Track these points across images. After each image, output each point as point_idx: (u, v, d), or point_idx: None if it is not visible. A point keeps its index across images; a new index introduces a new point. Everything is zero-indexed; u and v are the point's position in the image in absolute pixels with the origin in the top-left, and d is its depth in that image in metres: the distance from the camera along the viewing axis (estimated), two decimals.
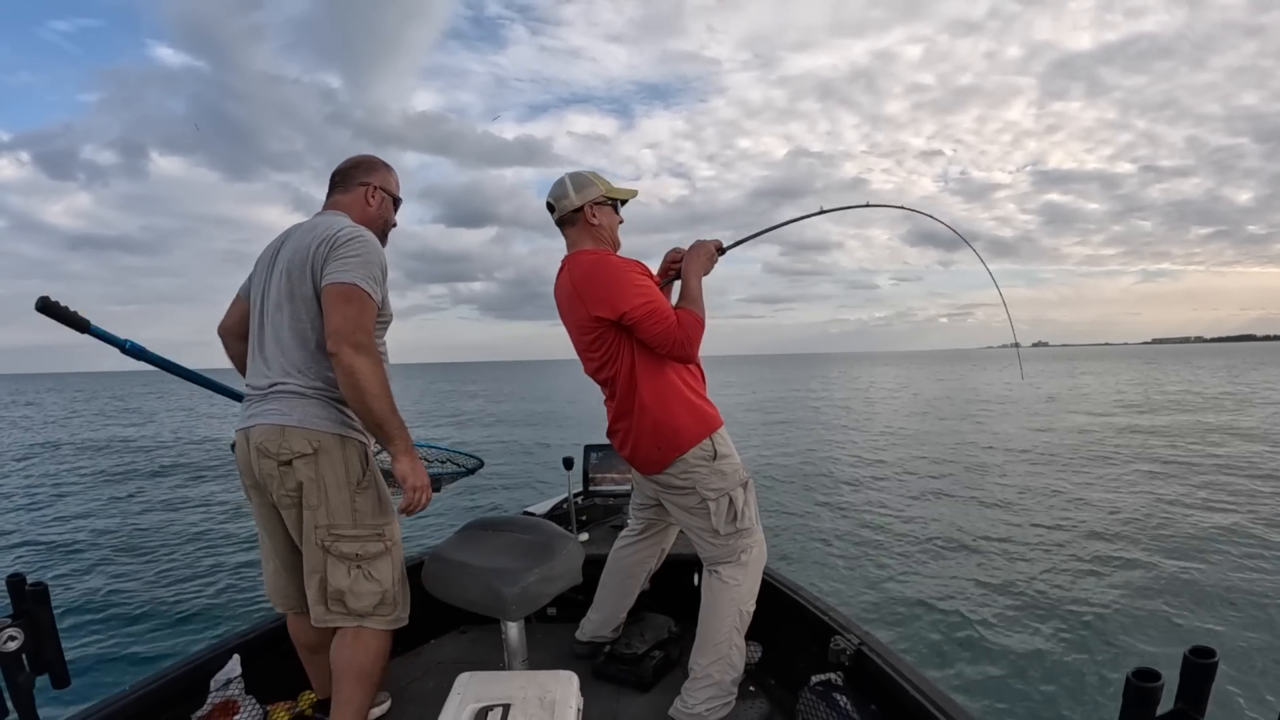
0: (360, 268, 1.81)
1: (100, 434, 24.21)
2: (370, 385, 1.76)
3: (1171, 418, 18.81)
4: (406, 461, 1.85)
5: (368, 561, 1.90)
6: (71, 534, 9.40)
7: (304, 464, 1.83)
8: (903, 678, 1.91)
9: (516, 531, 2.17)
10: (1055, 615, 5.30)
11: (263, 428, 1.86)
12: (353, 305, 1.78)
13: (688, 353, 2.22)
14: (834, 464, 13.61)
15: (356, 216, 2.03)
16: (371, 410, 1.79)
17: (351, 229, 1.88)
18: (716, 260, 2.43)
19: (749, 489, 2.32)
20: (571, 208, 2.33)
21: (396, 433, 1.84)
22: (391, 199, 2.17)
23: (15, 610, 1.43)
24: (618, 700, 2.46)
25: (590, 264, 2.26)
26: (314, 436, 1.83)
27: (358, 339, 1.76)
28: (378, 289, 1.85)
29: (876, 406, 28.51)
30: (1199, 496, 9.38)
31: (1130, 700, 0.85)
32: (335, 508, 1.85)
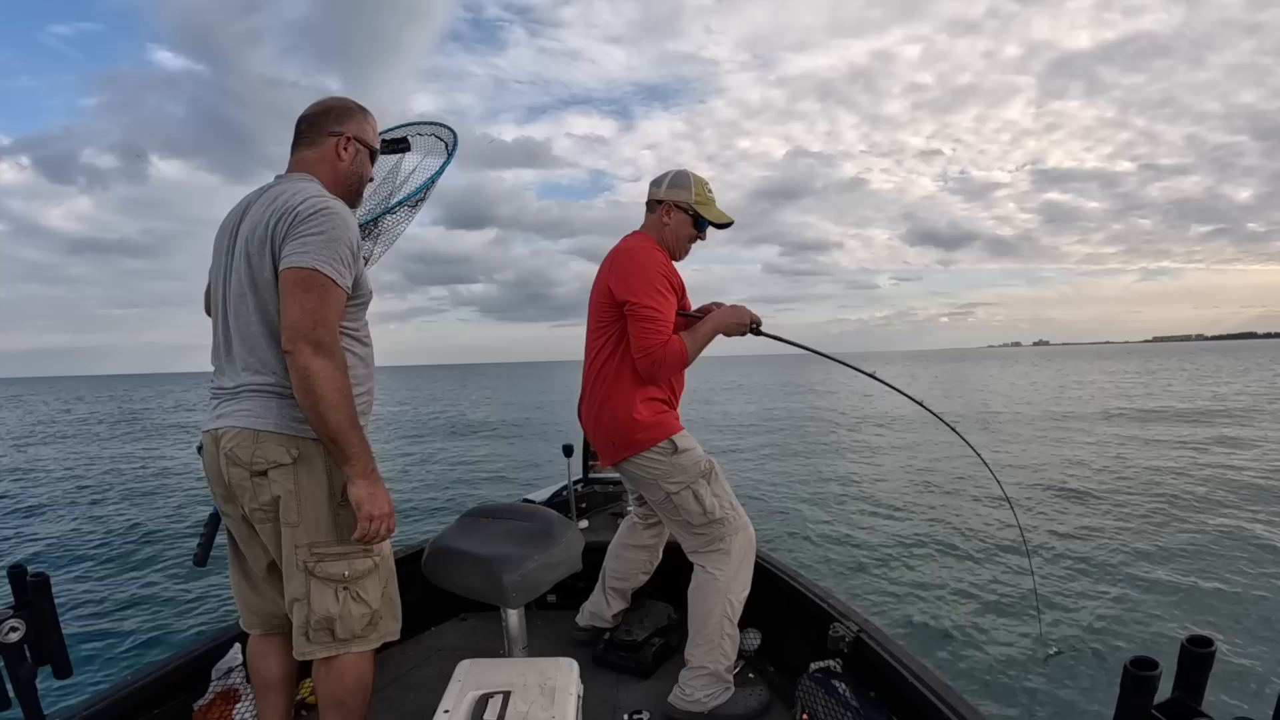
0: (323, 248, 1.55)
1: (105, 427, 24.21)
2: (327, 392, 1.52)
3: (1174, 412, 18.85)
4: (363, 485, 1.60)
5: (356, 582, 1.70)
6: (73, 524, 9.41)
7: (281, 475, 1.61)
8: (901, 665, 1.92)
9: (516, 519, 2.17)
10: (1053, 604, 5.33)
11: (233, 432, 1.62)
12: (313, 295, 1.52)
13: (654, 372, 2.23)
14: (834, 458, 13.64)
15: (326, 176, 1.76)
16: (326, 421, 1.53)
17: (316, 199, 1.60)
18: (744, 332, 2.38)
19: (713, 479, 2.30)
20: (655, 197, 2.41)
21: (354, 450, 1.58)
22: (368, 151, 1.85)
23: (17, 601, 1.43)
24: (618, 687, 2.47)
25: (635, 247, 2.34)
26: (293, 443, 1.61)
27: (317, 336, 1.51)
28: (346, 271, 1.59)
29: (876, 402, 28.56)
30: (1199, 489, 9.40)
31: (1128, 688, 0.85)
32: (318, 524, 1.64)
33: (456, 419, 24.46)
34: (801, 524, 8.10)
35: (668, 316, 2.23)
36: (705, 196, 2.41)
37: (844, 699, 2.02)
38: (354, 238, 1.63)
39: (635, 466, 2.31)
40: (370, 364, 1.80)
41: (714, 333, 2.32)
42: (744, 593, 2.30)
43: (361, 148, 1.83)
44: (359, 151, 1.82)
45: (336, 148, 1.78)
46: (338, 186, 1.77)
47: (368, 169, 1.87)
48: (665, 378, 2.29)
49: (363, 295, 1.74)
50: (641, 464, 2.29)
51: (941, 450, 13.38)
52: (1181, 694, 0.85)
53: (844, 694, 2.03)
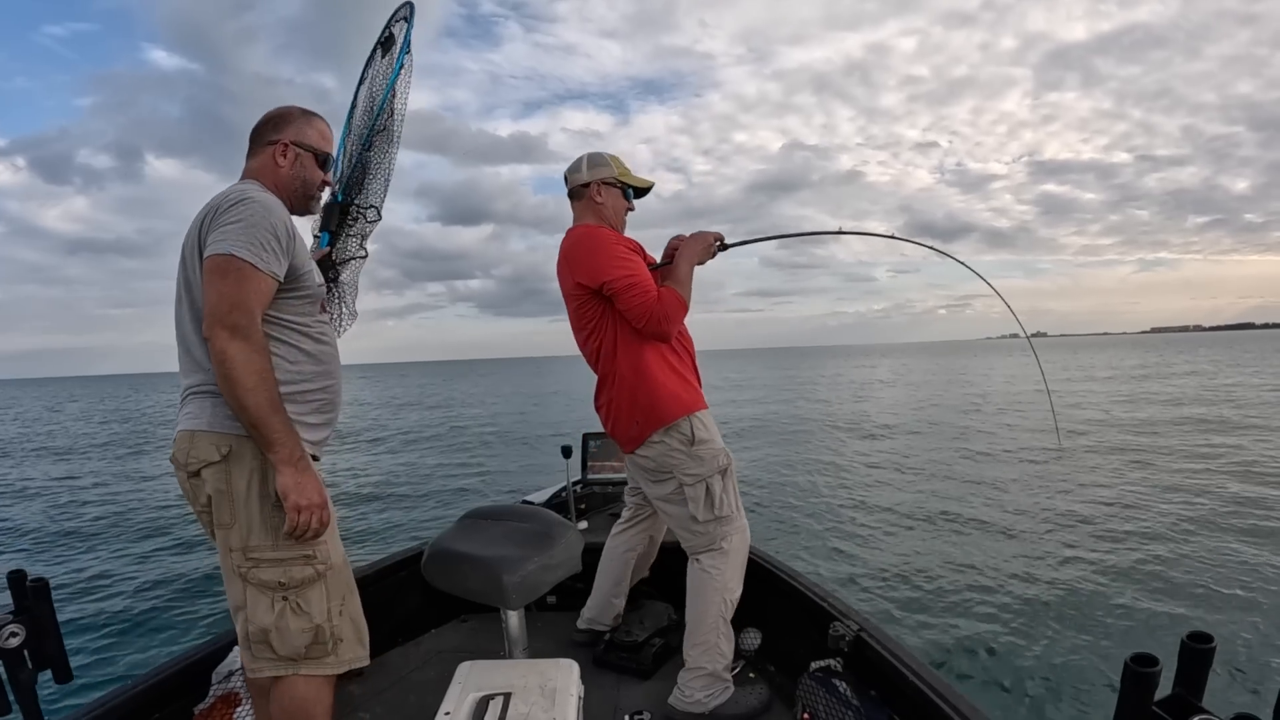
0: (240, 234, 1.52)
1: (98, 430, 24.19)
2: (243, 376, 1.48)
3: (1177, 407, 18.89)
4: (288, 474, 1.53)
5: (295, 591, 1.60)
6: (72, 529, 9.40)
7: (212, 474, 1.58)
8: (902, 664, 1.92)
9: (516, 520, 2.17)
10: (1054, 601, 5.33)
11: (177, 436, 1.64)
12: (229, 280, 1.49)
13: (663, 329, 2.23)
14: (834, 453, 13.64)
15: (269, 181, 1.75)
16: (245, 406, 1.49)
17: (237, 193, 1.60)
18: (715, 252, 2.42)
19: (728, 476, 2.31)
20: (580, 182, 2.41)
21: (277, 435, 1.52)
22: (312, 154, 1.81)
23: (16, 606, 1.43)
24: (618, 688, 2.47)
25: (580, 235, 2.35)
26: (223, 440, 1.57)
27: (233, 320, 1.48)
28: (269, 257, 1.55)
29: (881, 394, 28.56)
30: (1199, 482, 9.41)
31: (1128, 685, 0.85)
32: (251, 525, 1.58)
33: (455, 417, 24.48)
34: (800, 521, 8.10)
35: (644, 275, 2.25)
36: (624, 167, 2.45)
37: (845, 698, 2.02)
38: (278, 224, 1.59)
39: (655, 450, 2.29)
40: (327, 362, 1.76)
41: (689, 267, 2.33)
42: (738, 591, 2.31)
43: (302, 152, 1.79)
44: (299, 156, 1.79)
45: (274, 154, 1.76)
46: (281, 191, 1.75)
47: (312, 173, 1.82)
48: (675, 330, 2.28)
49: (305, 288, 1.69)
50: (660, 449, 2.28)
51: (939, 444, 13.40)
52: (1182, 690, 0.85)
53: (845, 693, 2.04)
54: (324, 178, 1.85)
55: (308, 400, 1.69)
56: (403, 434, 20.15)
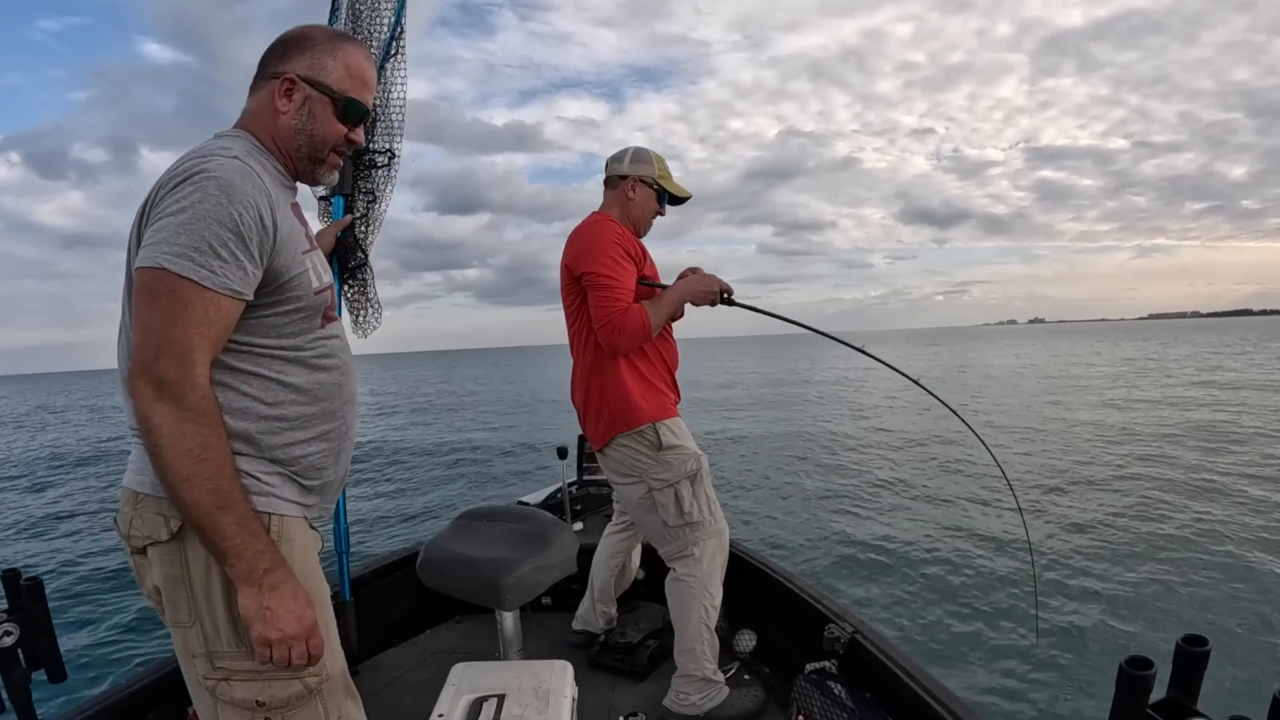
0: (178, 234, 1.04)
1: (95, 429, 24.13)
2: (173, 458, 1.03)
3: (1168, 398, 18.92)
4: (249, 596, 1.09)
5: (281, 712, 1.18)
6: (66, 528, 9.38)
7: (160, 557, 1.14)
8: (897, 665, 1.93)
9: (511, 521, 2.17)
10: (1049, 603, 5.34)
11: (123, 491, 1.20)
12: (157, 308, 1.04)
13: (615, 342, 2.18)
14: (830, 448, 13.64)
15: (262, 131, 1.26)
16: (180, 501, 1.06)
17: (192, 163, 1.09)
18: (715, 302, 2.31)
19: (698, 481, 2.27)
20: (618, 173, 2.39)
21: (228, 545, 1.07)
22: (329, 100, 1.25)
23: (10, 605, 1.43)
24: (613, 689, 2.47)
25: (590, 223, 2.34)
26: (175, 511, 1.11)
27: (159, 370, 1.03)
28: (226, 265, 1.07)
29: (868, 384, 28.59)
30: (1193, 482, 9.43)
31: (1123, 688, 0.85)
32: (217, 626, 1.15)
33: (452, 414, 24.42)
34: (792, 523, 8.10)
35: (625, 284, 2.20)
36: (666, 171, 2.41)
37: (839, 700, 2.02)
38: (244, 213, 1.08)
39: (621, 453, 2.28)
40: (328, 397, 1.27)
41: (679, 301, 2.27)
42: (718, 596, 2.29)
43: (314, 94, 1.24)
44: (308, 100, 1.24)
45: (274, 93, 1.24)
46: (278, 150, 1.27)
47: (327, 126, 1.27)
48: (626, 348, 2.23)
49: (295, 298, 1.20)
50: (627, 452, 2.27)
51: (937, 438, 13.41)
52: (1177, 693, 0.85)
53: (839, 695, 2.04)
54: (346, 133, 1.30)
55: (294, 456, 1.22)
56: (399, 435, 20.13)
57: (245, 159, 1.14)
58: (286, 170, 1.28)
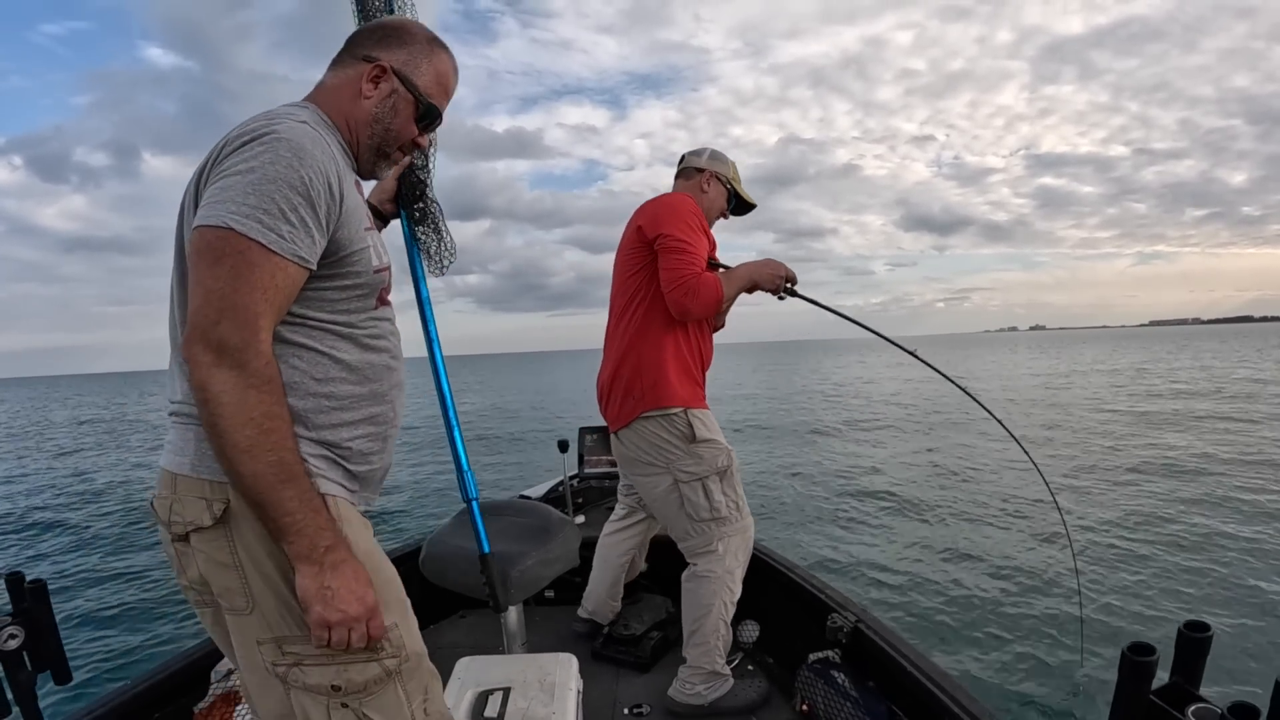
0: (245, 193, 0.99)
1: (100, 430, 24.13)
2: (233, 427, 0.97)
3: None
4: (309, 575, 1.03)
5: (358, 697, 1.10)
6: (70, 529, 9.38)
7: (206, 542, 1.07)
8: (900, 654, 1.93)
9: (513, 515, 2.17)
10: (1051, 591, 5.35)
11: (160, 474, 1.14)
12: (221, 269, 0.98)
13: (686, 304, 2.15)
14: (832, 445, 13.67)
15: (336, 112, 1.21)
16: (238, 473, 0.99)
17: (260, 124, 1.05)
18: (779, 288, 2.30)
19: (728, 477, 2.25)
20: (696, 165, 2.43)
21: (288, 520, 1.01)
22: (415, 98, 1.24)
23: (15, 608, 1.43)
24: (617, 681, 2.48)
25: (671, 194, 2.38)
26: (217, 493, 1.06)
27: (220, 334, 0.97)
28: (290, 230, 1.01)
29: (873, 388, 28.62)
30: (1194, 470, 9.45)
31: (1126, 674, 0.86)
32: (282, 608, 1.08)
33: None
34: (797, 514, 8.12)
35: (700, 251, 2.19)
36: (738, 176, 2.46)
37: (843, 689, 2.03)
38: (314, 176, 1.04)
39: (645, 435, 2.24)
40: (378, 378, 1.21)
41: (748, 279, 2.27)
42: (738, 592, 2.28)
43: (401, 89, 1.23)
44: (394, 93, 1.23)
45: (363, 76, 1.21)
46: (349, 130, 1.22)
47: (404, 124, 1.25)
48: (699, 313, 2.20)
49: (354, 274, 1.15)
50: (652, 436, 2.23)
51: (937, 435, 13.43)
52: (1179, 679, 0.86)
53: (843, 684, 2.05)
54: (416, 137, 1.29)
55: (341, 439, 1.15)
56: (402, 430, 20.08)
57: (314, 127, 1.10)
58: (349, 153, 1.23)
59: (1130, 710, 0.85)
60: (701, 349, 2.36)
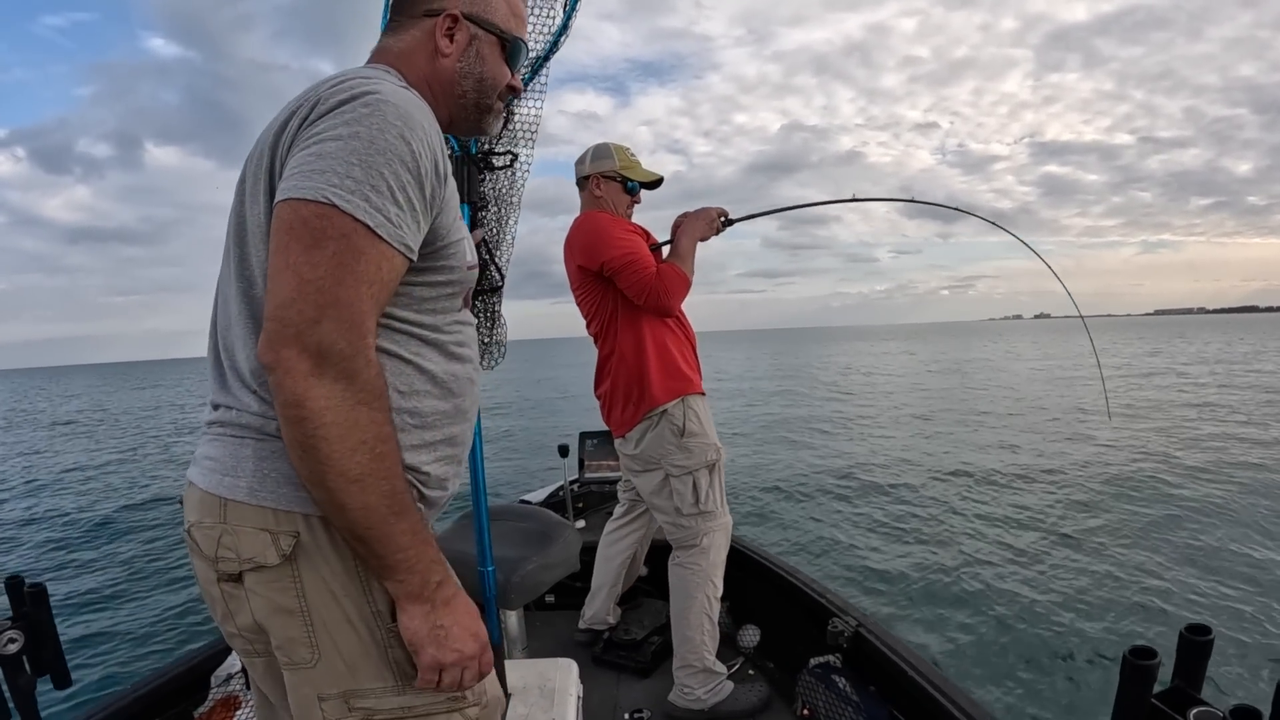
0: (349, 162, 0.83)
1: (103, 430, 24.12)
2: (341, 453, 0.81)
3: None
4: (419, 615, 0.90)
5: None
6: (69, 534, 9.37)
7: (266, 584, 0.90)
8: (901, 659, 1.93)
9: (513, 520, 2.17)
10: (1052, 594, 5.33)
11: (194, 494, 0.95)
12: (321, 254, 0.81)
13: (664, 304, 2.24)
14: (831, 443, 13.64)
15: (416, 72, 1.05)
16: (340, 505, 0.83)
17: (358, 82, 0.89)
18: (720, 228, 2.40)
19: (715, 471, 2.32)
20: (581, 174, 2.43)
21: (401, 557, 0.87)
22: (497, 39, 1.09)
23: (15, 612, 1.43)
24: (618, 686, 2.47)
25: (581, 220, 2.38)
26: (285, 525, 0.89)
27: (321, 336, 0.80)
28: (399, 213, 0.86)
29: (871, 382, 28.57)
30: (1195, 471, 9.43)
31: (1127, 678, 0.85)
32: (353, 658, 0.91)
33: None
34: (795, 517, 8.10)
35: (643, 253, 2.25)
36: (629, 160, 2.41)
37: (844, 693, 2.03)
38: (422, 151, 0.88)
39: (644, 437, 2.30)
40: (461, 393, 1.05)
41: (691, 243, 2.33)
42: (720, 588, 2.32)
43: (481, 32, 1.08)
44: (475, 40, 1.07)
45: (434, 31, 1.05)
46: (439, 95, 1.07)
47: (496, 69, 1.10)
48: (678, 304, 2.29)
49: (447, 268, 0.99)
50: (651, 435, 2.29)
51: (946, 426, 13.41)
52: (1181, 683, 0.85)
53: (844, 688, 2.04)
54: (512, 81, 1.14)
55: (420, 461, 0.98)
56: None
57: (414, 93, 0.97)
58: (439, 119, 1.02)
59: (1131, 714, 0.85)
60: (683, 329, 2.41)
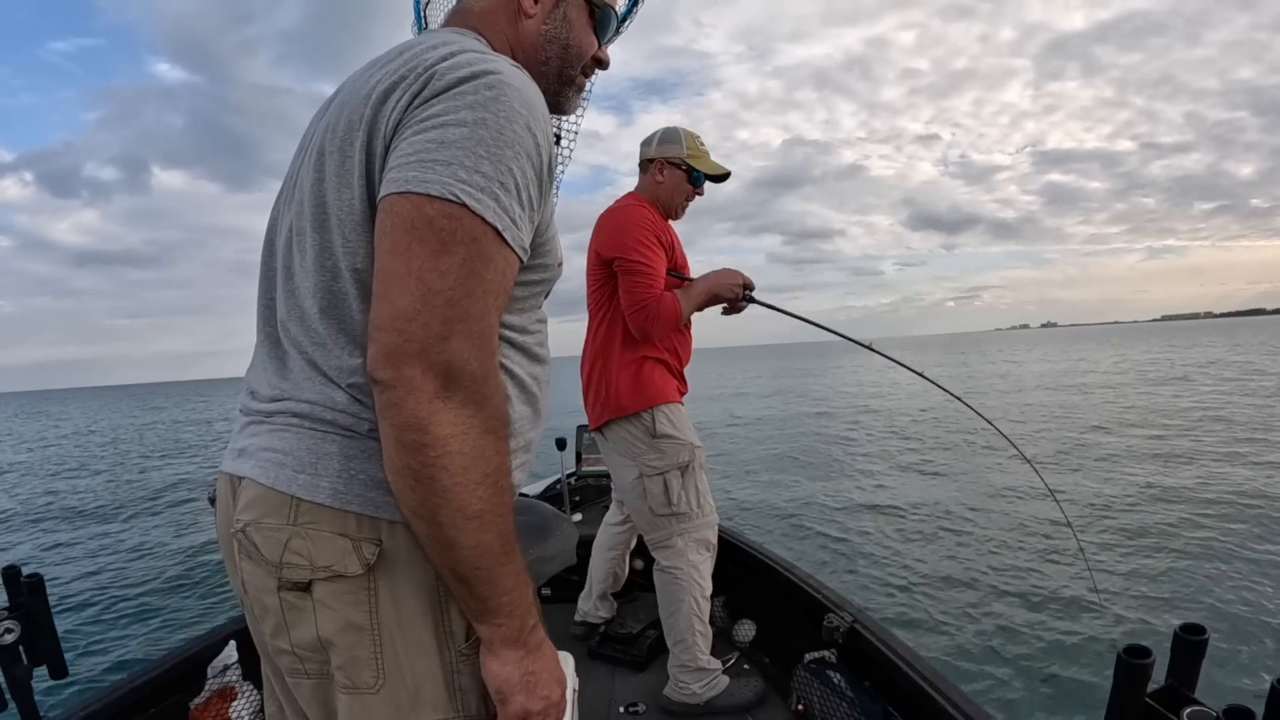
0: (477, 155, 0.73)
1: (101, 430, 24.11)
2: (464, 484, 0.73)
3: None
4: (511, 660, 0.81)
5: None
6: (66, 525, 9.37)
7: (339, 595, 0.80)
8: (896, 655, 1.93)
9: None
10: (1047, 593, 5.35)
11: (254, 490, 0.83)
12: (451, 259, 0.72)
13: (648, 328, 2.17)
14: (833, 446, 13.66)
15: (499, 34, 0.95)
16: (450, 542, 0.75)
17: (474, 55, 0.80)
18: (739, 296, 2.31)
19: (689, 472, 2.25)
20: (646, 156, 2.37)
21: (504, 600, 0.79)
22: (586, 2, 1.00)
23: (11, 602, 1.43)
24: (614, 680, 2.48)
25: (621, 207, 2.30)
26: (368, 530, 0.80)
27: (452, 355, 0.72)
28: (523, 214, 0.79)
29: (870, 388, 28.62)
30: (1192, 471, 9.45)
31: (1122, 677, 0.86)
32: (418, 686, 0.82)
33: None
34: (794, 514, 8.12)
35: (658, 270, 2.18)
36: (697, 149, 2.35)
37: (839, 689, 2.03)
38: (544, 143, 0.80)
39: (617, 434, 2.28)
40: (541, 397, 0.98)
41: (708, 293, 2.26)
42: (708, 587, 2.28)
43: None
44: (563, 2, 0.98)
45: None
46: (523, 60, 0.96)
47: (585, 37, 1.00)
48: (659, 335, 2.23)
49: (545, 263, 0.91)
50: (623, 434, 2.26)
51: (940, 436, 13.43)
52: (1175, 682, 0.86)
53: (839, 684, 2.04)
54: (599, 53, 1.05)
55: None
56: None
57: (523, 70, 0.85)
58: None
59: (1125, 713, 0.85)
60: (683, 346, 2.38)
